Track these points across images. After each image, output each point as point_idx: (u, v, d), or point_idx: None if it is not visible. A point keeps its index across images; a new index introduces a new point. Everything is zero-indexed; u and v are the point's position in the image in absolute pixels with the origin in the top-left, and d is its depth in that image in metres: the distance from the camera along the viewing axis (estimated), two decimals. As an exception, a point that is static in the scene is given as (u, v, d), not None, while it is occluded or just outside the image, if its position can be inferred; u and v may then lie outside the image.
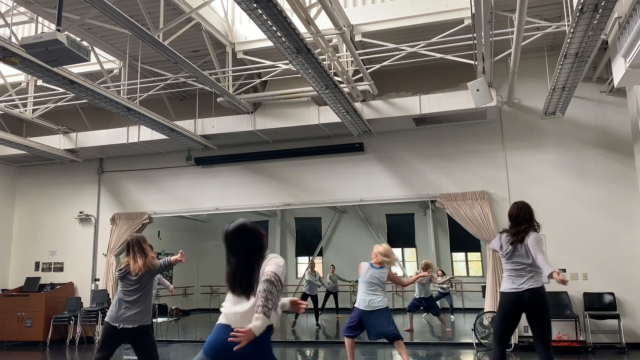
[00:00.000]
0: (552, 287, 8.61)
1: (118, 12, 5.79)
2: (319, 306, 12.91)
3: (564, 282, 4.21)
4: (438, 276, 12.66)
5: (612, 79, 7.90)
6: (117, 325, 4.74)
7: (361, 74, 8.46)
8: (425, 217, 16.95)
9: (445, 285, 13.05)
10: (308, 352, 9.62)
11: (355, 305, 6.53)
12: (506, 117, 9.46)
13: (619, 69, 6.79)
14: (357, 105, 9.05)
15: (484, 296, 9.34)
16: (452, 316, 14.51)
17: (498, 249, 4.81)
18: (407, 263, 17.55)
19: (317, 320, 12.42)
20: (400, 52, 8.40)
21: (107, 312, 4.95)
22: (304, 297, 12.34)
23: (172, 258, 4.92)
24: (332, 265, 14.56)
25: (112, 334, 4.78)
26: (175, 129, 9.43)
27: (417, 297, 11.15)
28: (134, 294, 4.81)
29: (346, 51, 8.39)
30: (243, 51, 9.29)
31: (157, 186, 11.44)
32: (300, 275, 17.34)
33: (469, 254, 17.00)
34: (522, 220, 4.67)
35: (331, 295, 14.03)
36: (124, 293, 4.83)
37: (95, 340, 10.45)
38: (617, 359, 7.79)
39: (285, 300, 3.16)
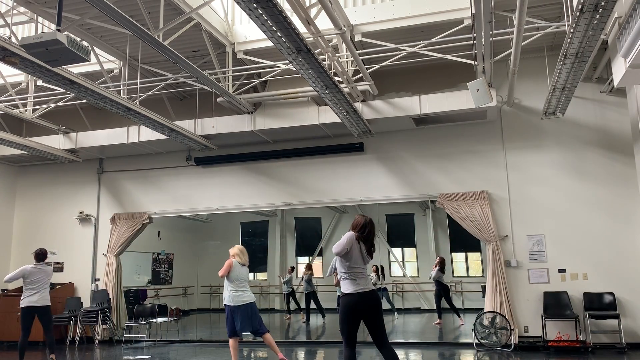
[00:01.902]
0: (552, 287, 8.75)
1: (118, 12, 5.80)
2: (303, 306, 13.70)
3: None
4: (373, 272, 13.64)
5: (612, 79, 7.90)
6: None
7: (361, 74, 8.46)
8: (425, 217, 16.94)
9: (375, 282, 13.47)
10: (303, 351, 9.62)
11: (226, 303, 6.89)
12: (506, 117, 9.47)
13: (619, 69, 6.79)
14: (357, 105, 9.05)
15: (484, 296, 9.34)
16: (395, 315, 14.67)
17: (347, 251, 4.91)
18: (407, 263, 17.53)
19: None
20: (400, 52, 8.40)
21: (107, 312, 4.96)
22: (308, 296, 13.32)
23: None
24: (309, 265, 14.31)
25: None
26: (175, 129, 9.44)
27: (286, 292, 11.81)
28: None
29: (346, 51, 8.39)
30: (243, 51, 9.29)
31: (157, 186, 11.44)
32: (300, 275, 17.32)
33: (469, 254, 16.98)
34: (370, 231, 5.08)
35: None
36: None
37: (96, 340, 10.45)
38: (617, 359, 7.78)
39: None
